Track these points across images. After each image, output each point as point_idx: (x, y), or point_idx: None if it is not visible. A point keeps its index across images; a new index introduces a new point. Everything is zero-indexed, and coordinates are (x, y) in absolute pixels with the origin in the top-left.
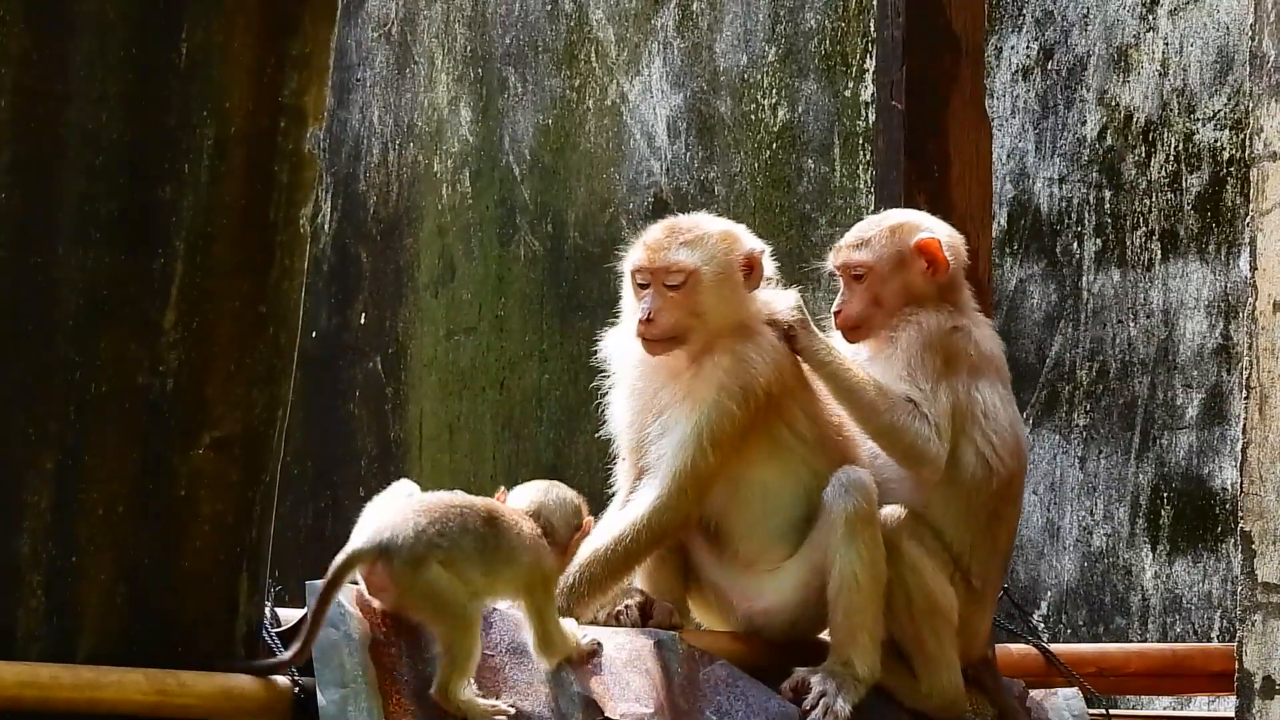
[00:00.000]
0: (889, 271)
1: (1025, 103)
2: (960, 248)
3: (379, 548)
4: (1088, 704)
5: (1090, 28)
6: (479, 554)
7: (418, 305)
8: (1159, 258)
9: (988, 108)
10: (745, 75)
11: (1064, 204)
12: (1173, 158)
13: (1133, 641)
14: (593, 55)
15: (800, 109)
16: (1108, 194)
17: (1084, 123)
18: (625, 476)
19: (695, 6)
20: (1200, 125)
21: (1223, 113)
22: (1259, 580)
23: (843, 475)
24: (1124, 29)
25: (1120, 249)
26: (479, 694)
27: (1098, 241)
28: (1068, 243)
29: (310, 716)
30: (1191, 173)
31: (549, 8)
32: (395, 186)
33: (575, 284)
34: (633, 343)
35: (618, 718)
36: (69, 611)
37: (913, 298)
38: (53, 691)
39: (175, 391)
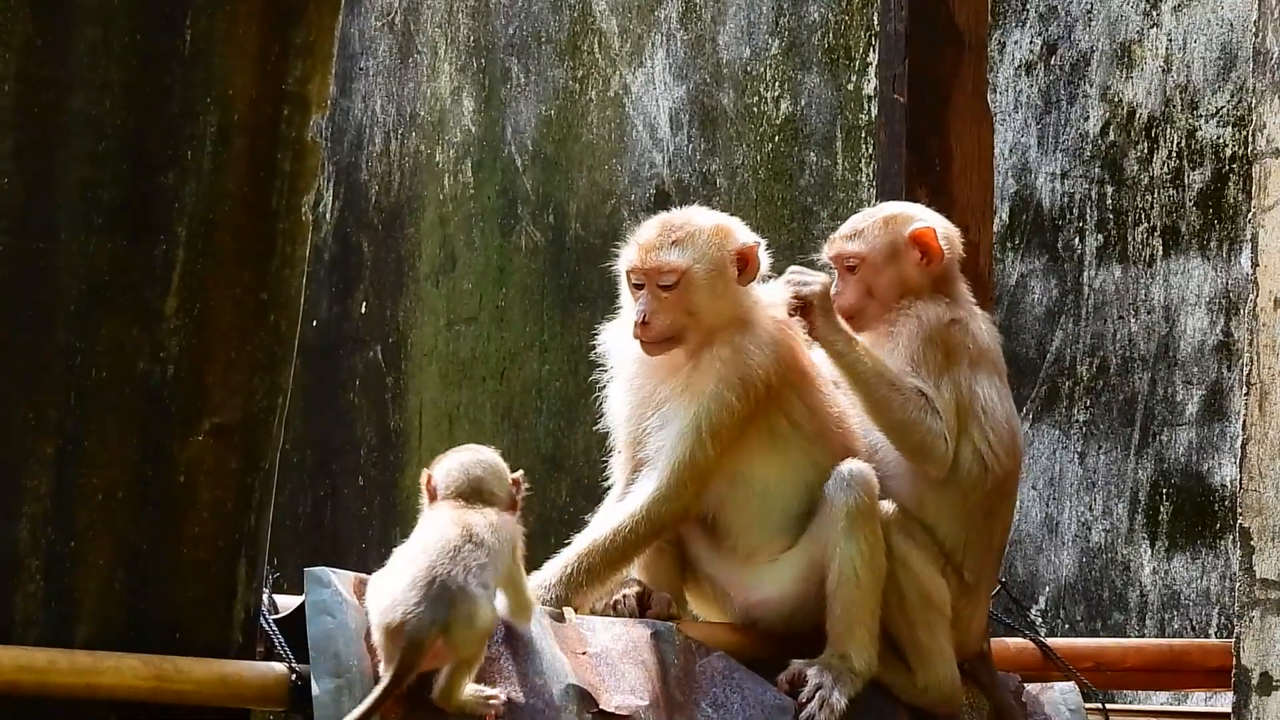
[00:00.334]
0: (883, 262)
1: (1028, 98)
2: (955, 239)
3: (437, 625)
4: (1085, 699)
5: (1094, 23)
6: (492, 571)
7: (418, 295)
8: (1160, 254)
9: (990, 102)
10: (748, 68)
11: (1066, 199)
12: (1175, 154)
13: (1130, 637)
14: (595, 46)
15: (803, 102)
16: (1110, 189)
17: (1087, 118)
18: (621, 470)
19: None
20: (1203, 121)
21: (1225, 109)
22: (1257, 576)
23: (844, 469)
24: (1127, 25)
25: (1122, 245)
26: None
27: (1099, 237)
28: (1069, 238)
29: (307, 703)
30: (1194, 169)
31: None
32: (397, 176)
33: (576, 275)
34: (631, 338)
35: (613, 709)
36: (67, 597)
37: (907, 289)
38: (50, 676)
39: (175, 378)
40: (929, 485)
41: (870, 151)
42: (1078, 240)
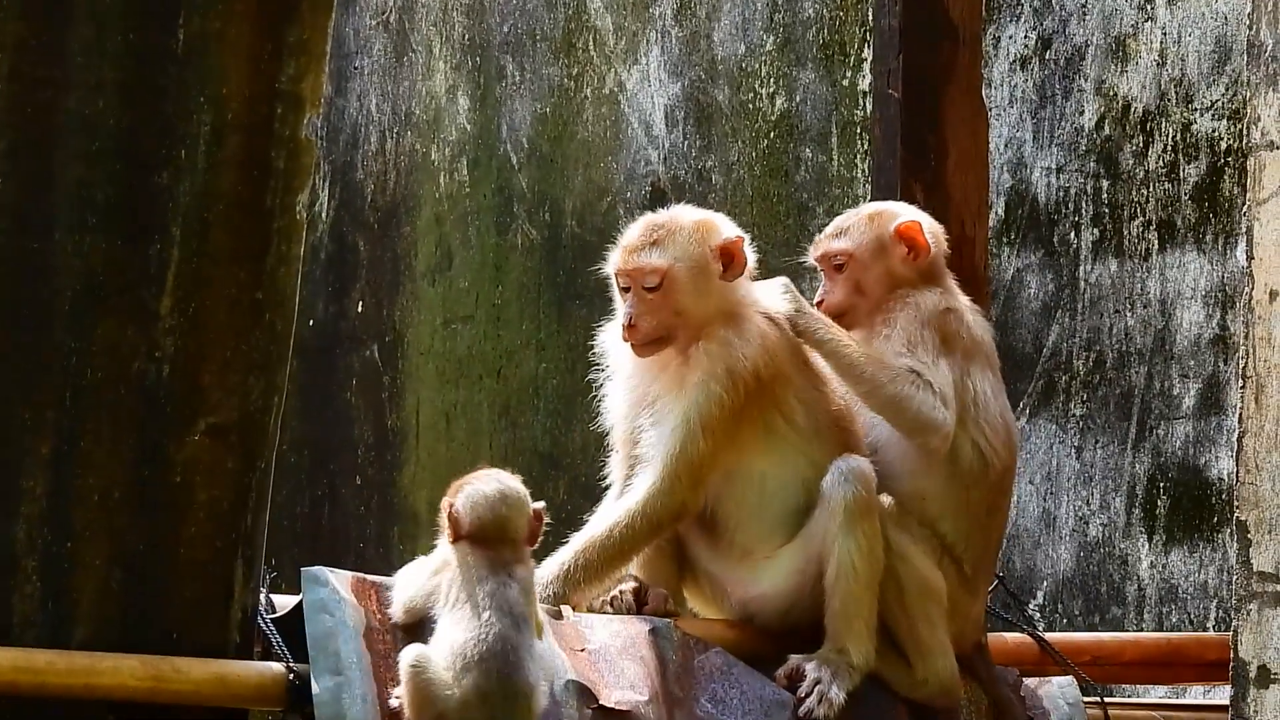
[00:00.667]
0: (870, 258)
1: (1023, 92)
2: (940, 234)
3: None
4: (1083, 693)
5: (1088, 17)
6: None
7: (415, 294)
8: (1156, 247)
9: (985, 97)
10: (743, 64)
11: (1061, 194)
12: (1170, 147)
13: (1128, 631)
14: (590, 44)
15: (798, 98)
16: (1105, 184)
17: (1082, 112)
18: (619, 469)
19: None
20: (1198, 115)
21: (1220, 102)
22: (1254, 569)
23: (842, 464)
24: (1122, 18)
25: (1117, 239)
26: None
27: (1095, 231)
28: (1065, 232)
29: (305, 703)
30: (1189, 163)
31: None
32: (393, 175)
33: (572, 273)
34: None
35: (612, 705)
36: (65, 598)
37: (895, 285)
38: (48, 676)
39: (171, 378)
40: (932, 481)
41: (865, 147)
42: (1073, 235)
